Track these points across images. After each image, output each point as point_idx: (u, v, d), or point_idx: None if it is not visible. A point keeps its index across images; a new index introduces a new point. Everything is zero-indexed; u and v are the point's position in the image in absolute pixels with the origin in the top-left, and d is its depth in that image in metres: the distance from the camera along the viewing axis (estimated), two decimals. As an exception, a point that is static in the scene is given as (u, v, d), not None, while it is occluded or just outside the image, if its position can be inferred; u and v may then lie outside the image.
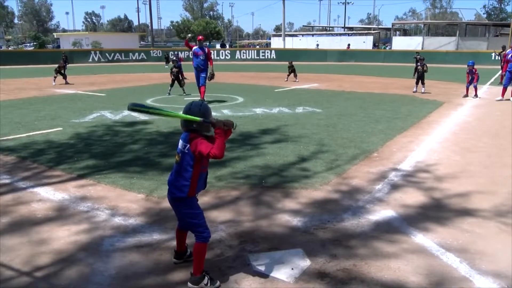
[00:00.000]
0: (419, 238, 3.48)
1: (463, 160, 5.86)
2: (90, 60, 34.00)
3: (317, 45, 46.12)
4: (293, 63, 18.29)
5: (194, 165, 2.71)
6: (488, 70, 22.22)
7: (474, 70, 12.57)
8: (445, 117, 9.26)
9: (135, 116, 9.08)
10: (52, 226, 3.72)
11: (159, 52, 38.05)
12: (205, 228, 2.80)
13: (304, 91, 14.65)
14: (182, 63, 14.50)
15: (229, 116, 9.15)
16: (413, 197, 4.40)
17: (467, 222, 3.81)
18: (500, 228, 3.72)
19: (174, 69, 13.32)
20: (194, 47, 11.13)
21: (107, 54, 34.91)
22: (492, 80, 18.04)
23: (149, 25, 54.71)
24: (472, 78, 12.63)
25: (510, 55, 12.36)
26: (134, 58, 36.00)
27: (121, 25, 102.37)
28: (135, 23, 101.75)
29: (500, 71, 16.77)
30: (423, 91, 13.45)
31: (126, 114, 9.31)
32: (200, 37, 11.38)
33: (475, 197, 4.43)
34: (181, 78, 13.36)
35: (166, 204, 4.14)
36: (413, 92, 13.61)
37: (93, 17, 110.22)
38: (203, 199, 4.29)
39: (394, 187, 4.71)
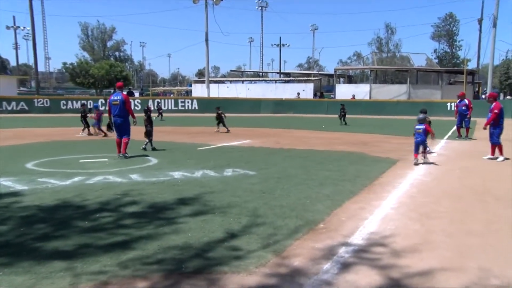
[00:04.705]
0: (378, 330, 3.51)
1: (423, 228, 6.16)
2: None
3: (298, 94, 46.90)
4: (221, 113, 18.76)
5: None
6: (444, 122, 24.25)
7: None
8: (400, 177, 9.81)
9: (7, 186, 8.58)
10: None
11: (46, 101, 37.09)
12: None
13: (234, 149, 14.86)
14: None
15: (139, 183, 8.97)
16: (367, 278, 4.49)
17: (432, 305, 3.92)
18: (469, 310, 3.87)
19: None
20: (112, 97, 12.55)
21: (-30, 104, 33.36)
22: (449, 133, 19.63)
23: (33, 66, 53.40)
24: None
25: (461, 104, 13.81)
26: (10, 108, 34.69)
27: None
28: (13, 63, 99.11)
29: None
30: None
31: (-2, 183, 8.77)
32: (119, 83, 13.33)
33: (441, 275, 4.59)
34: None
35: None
36: None
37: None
38: (102, 294, 4.05)
39: (345, 266, 4.78)
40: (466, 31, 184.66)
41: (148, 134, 14.19)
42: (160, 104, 35.78)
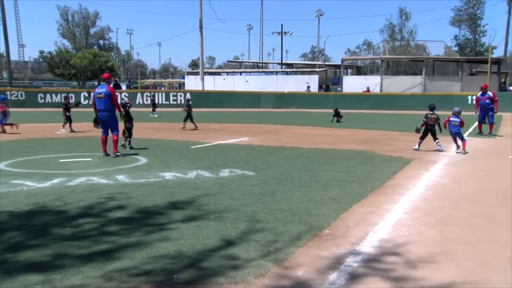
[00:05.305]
0: None
1: (440, 235, 6.15)
2: None
3: (308, 87, 46.97)
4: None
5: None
6: (464, 117, 24.14)
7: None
8: (413, 179, 9.80)
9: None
10: None
11: (21, 94, 37.05)
12: None
13: (231, 147, 14.87)
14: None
15: (127, 185, 8.96)
16: (379, 290, 4.48)
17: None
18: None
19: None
20: (96, 90, 12.77)
21: None
22: (470, 130, 19.61)
23: (4, 54, 53.25)
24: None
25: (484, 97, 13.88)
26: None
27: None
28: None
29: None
30: None
31: (-30, 185, 8.76)
32: (105, 74, 13.50)
33: (462, 289, 4.58)
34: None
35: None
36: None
37: None
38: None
39: (353, 276, 4.78)
40: (491, 15, 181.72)
41: (127, 131, 14.12)
42: (154, 98, 35.86)
